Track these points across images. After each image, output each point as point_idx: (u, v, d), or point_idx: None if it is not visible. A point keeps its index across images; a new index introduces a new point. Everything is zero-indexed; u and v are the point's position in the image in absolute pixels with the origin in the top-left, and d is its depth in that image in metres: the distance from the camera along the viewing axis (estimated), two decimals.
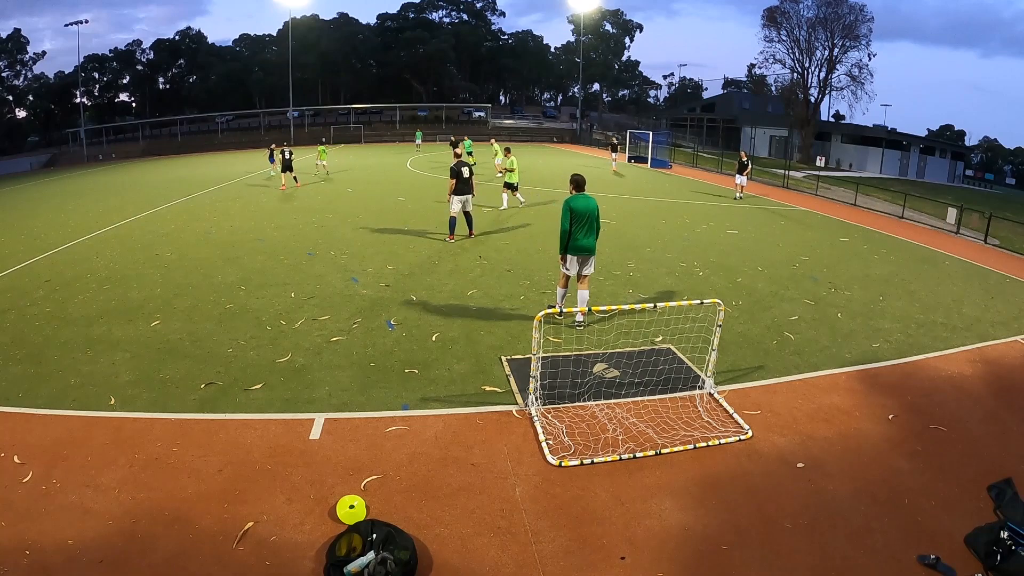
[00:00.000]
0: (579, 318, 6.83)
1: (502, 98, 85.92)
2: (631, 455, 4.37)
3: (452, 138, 35.01)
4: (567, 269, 6.68)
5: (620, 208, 15.82)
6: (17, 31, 57.13)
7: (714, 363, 5.38)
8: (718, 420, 4.93)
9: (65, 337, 6.62)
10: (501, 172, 15.05)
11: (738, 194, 18.51)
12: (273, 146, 22.73)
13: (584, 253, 6.59)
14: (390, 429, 4.74)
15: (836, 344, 6.69)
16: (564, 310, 6.25)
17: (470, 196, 11.10)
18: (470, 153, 22.10)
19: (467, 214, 11.24)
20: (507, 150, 15.58)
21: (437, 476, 4.15)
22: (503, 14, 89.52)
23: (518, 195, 15.10)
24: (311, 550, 3.44)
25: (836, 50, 42.49)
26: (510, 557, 3.42)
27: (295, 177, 19.73)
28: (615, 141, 29.87)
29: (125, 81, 69.09)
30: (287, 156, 19.58)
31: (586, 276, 6.77)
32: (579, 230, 6.47)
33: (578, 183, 6.66)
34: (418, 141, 43.27)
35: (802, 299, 8.26)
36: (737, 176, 18.57)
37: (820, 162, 41.07)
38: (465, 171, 10.80)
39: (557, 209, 14.72)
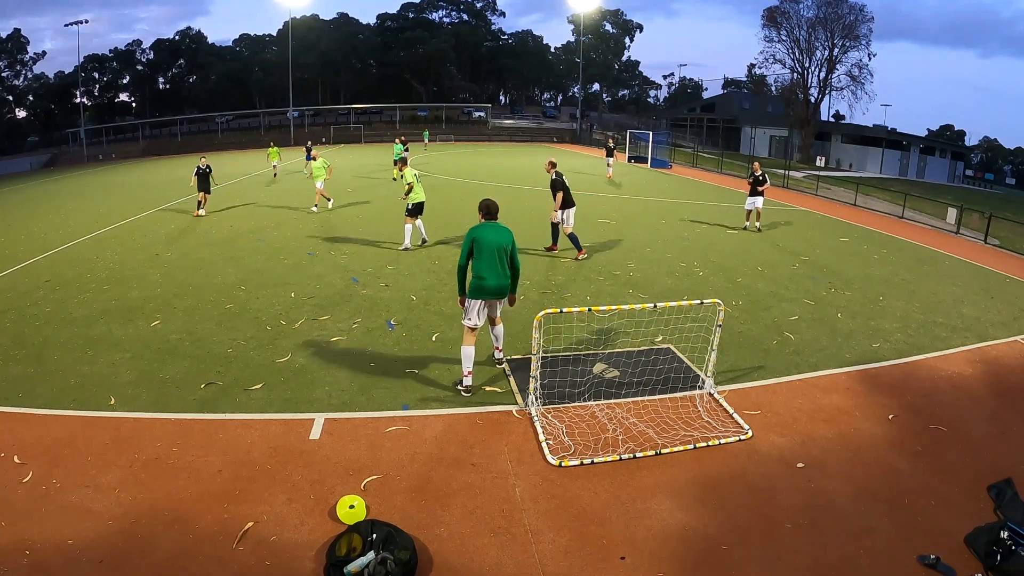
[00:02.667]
0: (497, 355, 5.85)
1: (502, 98, 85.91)
2: (631, 455, 4.36)
3: (402, 137, 30.17)
4: (468, 320, 5.24)
5: (620, 208, 15.81)
6: (17, 31, 57.21)
7: (714, 363, 5.38)
8: (718, 420, 4.93)
9: (65, 337, 6.62)
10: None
11: (755, 223, 12.97)
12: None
13: (489, 296, 5.23)
14: (390, 429, 4.74)
15: (836, 344, 6.68)
16: (469, 383, 5.21)
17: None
18: (400, 159, 18.86)
19: (554, 226, 10.33)
20: (403, 161, 11.73)
21: (437, 476, 4.15)
22: (503, 14, 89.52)
23: (419, 223, 10.72)
24: (311, 550, 3.44)
25: (836, 50, 42.62)
26: (510, 557, 3.42)
27: (200, 201, 14.40)
28: (611, 143, 24.86)
29: (125, 81, 69.09)
30: (203, 169, 14.38)
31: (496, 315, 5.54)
32: (482, 266, 5.15)
33: (487, 209, 5.36)
34: (426, 140, 43.10)
35: (802, 299, 8.26)
36: (751, 199, 12.88)
37: (820, 162, 41.12)
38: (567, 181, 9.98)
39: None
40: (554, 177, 9.97)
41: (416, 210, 10.50)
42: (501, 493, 3.98)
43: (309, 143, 27.38)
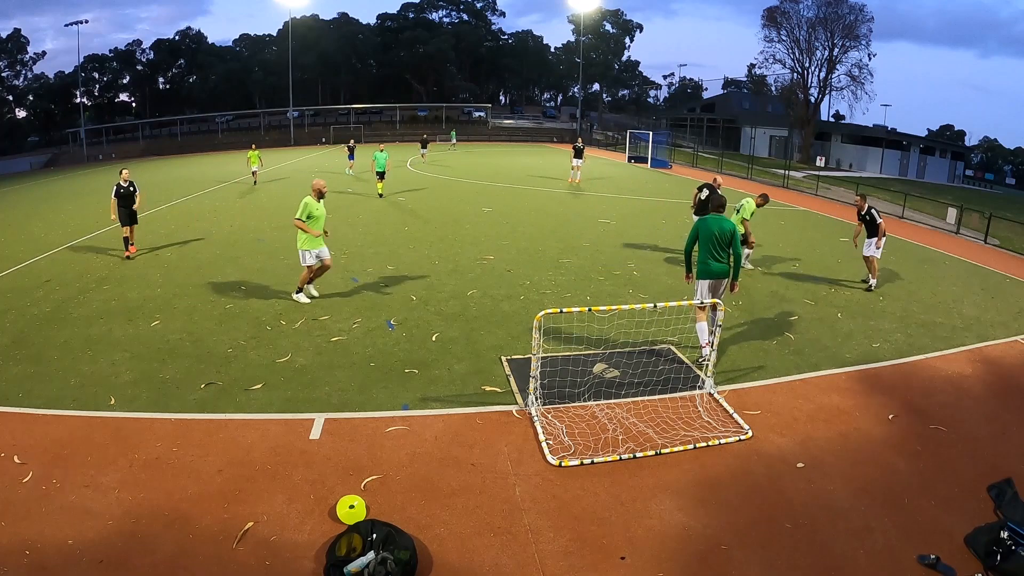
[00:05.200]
0: (712, 339, 5.69)
1: (502, 98, 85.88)
2: (631, 455, 4.37)
3: (424, 136, 30.28)
4: (697, 299, 5.97)
5: (620, 208, 15.82)
6: (17, 31, 57.25)
7: (714, 363, 5.38)
8: (718, 420, 4.93)
9: (65, 337, 6.62)
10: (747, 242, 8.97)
11: (872, 281, 8.82)
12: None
13: (709, 276, 5.99)
14: (390, 429, 4.74)
15: (836, 344, 6.68)
16: (705, 354, 5.63)
17: None
18: (381, 173, 17.41)
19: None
20: (762, 197, 9.40)
21: (437, 476, 4.14)
22: (503, 14, 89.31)
23: (746, 262, 9.46)
24: (311, 550, 3.44)
25: (836, 50, 42.59)
26: (510, 557, 3.42)
27: (127, 237, 10.29)
28: (580, 143, 21.30)
29: (125, 81, 69.08)
30: (126, 188, 10.17)
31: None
32: (702, 252, 6.00)
33: (713, 204, 6.30)
34: (453, 140, 42.67)
35: (802, 299, 8.26)
36: (869, 245, 8.82)
37: (820, 162, 41.04)
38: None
39: (554, 210, 14.55)
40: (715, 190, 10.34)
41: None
42: (501, 493, 3.97)
43: (352, 142, 25.03)
